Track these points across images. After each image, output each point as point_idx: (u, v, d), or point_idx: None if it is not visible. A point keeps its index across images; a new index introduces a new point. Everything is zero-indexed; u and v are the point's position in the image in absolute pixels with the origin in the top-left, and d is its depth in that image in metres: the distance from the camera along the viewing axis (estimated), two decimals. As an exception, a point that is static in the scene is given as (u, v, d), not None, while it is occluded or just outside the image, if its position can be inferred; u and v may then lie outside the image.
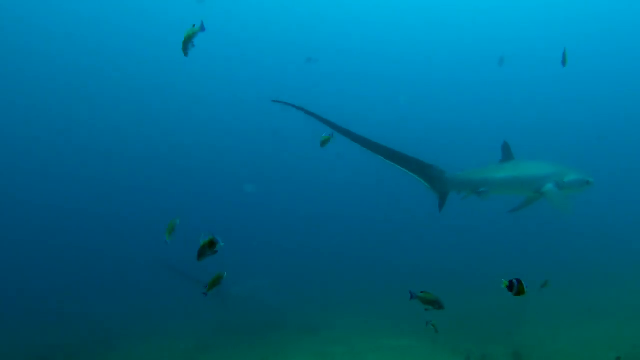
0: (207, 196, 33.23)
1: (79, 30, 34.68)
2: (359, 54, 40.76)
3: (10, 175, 32.73)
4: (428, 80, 40.96)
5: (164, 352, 11.22)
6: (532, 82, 37.92)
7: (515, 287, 3.75)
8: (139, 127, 38.23)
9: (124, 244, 24.35)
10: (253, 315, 13.88)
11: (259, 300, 15.41)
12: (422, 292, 4.97)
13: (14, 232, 26.18)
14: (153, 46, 36.38)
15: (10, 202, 29.93)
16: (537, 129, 34.83)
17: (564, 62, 7.80)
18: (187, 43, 4.76)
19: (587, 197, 9.71)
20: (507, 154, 8.50)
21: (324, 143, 6.47)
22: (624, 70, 38.49)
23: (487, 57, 36.20)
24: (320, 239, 24.73)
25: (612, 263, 16.03)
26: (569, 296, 12.64)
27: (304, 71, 37.80)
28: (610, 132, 35.29)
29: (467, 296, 13.98)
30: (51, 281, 19.16)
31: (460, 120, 39.70)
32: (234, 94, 40.60)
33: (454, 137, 35.87)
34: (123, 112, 38.11)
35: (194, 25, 4.71)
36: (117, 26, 35.68)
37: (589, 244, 19.23)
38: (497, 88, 39.68)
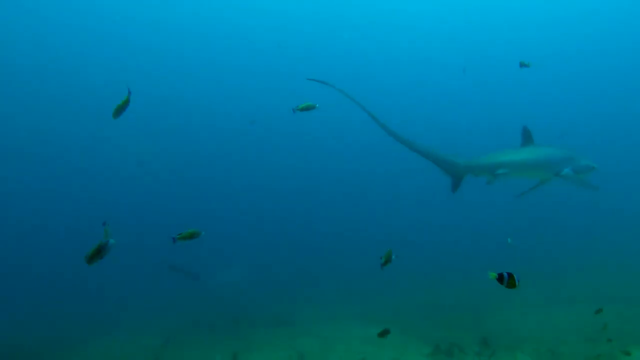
0: (179, 191, 32.39)
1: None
2: (361, 54, 40.38)
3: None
4: (428, 81, 41.03)
5: (128, 349, 10.85)
6: (530, 83, 38.07)
7: (506, 280, 3.73)
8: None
9: (90, 239, 23.49)
10: (223, 309, 13.62)
11: (230, 295, 15.22)
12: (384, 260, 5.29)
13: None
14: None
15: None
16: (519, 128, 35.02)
17: (522, 64, 8.06)
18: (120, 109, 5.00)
19: (559, 189, 9.96)
20: (527, 139, 8.85)
21: (303, 109, 6.55)
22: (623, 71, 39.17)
23: (486, 58, 36.79)
24: (290, 233, 24.61)
25: (581, 253, 16.43)
26: (537, 284, 12.83)
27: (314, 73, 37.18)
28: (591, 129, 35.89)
29: (436, 286, 14.13)
30: (11, 280, 18.45)
31: (458, 119, 39.83)
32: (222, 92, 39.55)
33: (453, 137, 35.78)
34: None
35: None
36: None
37: (557, 235, 19.67)
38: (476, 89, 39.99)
